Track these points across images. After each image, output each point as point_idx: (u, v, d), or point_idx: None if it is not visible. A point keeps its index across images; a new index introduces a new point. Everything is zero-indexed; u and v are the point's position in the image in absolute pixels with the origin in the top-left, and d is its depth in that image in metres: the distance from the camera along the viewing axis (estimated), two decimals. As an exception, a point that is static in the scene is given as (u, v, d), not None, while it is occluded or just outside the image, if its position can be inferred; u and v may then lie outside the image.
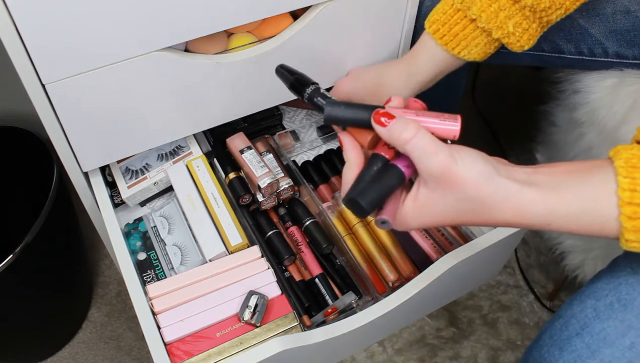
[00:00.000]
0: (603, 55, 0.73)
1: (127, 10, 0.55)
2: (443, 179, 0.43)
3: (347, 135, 0.50)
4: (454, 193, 0.43)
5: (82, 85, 0.59)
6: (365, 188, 0.46)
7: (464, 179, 0.42)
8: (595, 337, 0.46)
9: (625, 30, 0.70)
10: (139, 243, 0.72)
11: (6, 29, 0.51)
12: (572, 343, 0.47)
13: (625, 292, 0.46)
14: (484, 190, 0.43)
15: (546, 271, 1.09)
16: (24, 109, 1.00)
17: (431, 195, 0.44)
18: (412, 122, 0.44)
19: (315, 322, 0.66)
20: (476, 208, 0.44)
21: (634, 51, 0.72)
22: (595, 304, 0.47)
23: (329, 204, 0.78)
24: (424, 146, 0.43)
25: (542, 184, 0.43)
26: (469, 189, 0.43)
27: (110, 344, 1.01)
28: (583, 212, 0.42)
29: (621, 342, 0.44)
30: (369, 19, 0.73)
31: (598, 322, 0.46)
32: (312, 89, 0.54)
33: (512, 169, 0.44)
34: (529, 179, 0.44)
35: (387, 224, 0.46)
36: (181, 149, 0.77)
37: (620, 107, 0.74)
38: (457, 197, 0.43)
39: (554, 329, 0.49)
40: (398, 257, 0.72)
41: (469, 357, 0.99)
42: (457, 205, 0.44)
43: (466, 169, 0.42)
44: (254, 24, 0.69)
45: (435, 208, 0.45)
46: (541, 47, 0.76)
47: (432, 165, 0.43)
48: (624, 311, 0.46)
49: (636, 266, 0.48)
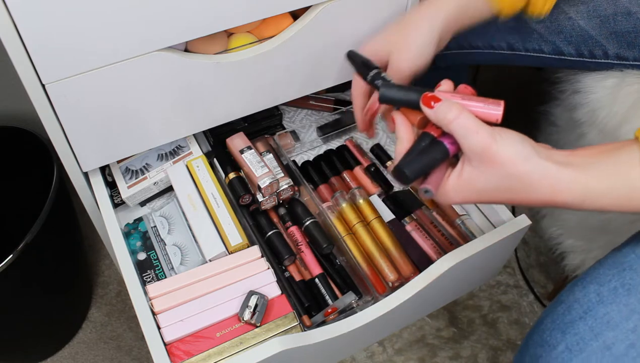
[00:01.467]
0: (603, 57, 0.73)
1: (127, 10, 0.55)
2: (484, 156, 0.46)
3: (400, 114, 0.54)
4: (495, 171, 0.47)
5: (82, 85, 0.59)
6: (411, 160, 0.51)
7: (504, 157, 0.46)
8: (598, 321, 0.46)
9: (626, 32, 0.70)
10: (139, 243, 0.72)
11: (6, 29, 0.51)
12: (575, 326, 0.47)
13: (629, 277, 0.47)
14: (522, 168, 0.46)
15: (546, 271, 1.09)
16: (24, 109, 1.00)
17: (474, 172, 0.48)
18: (456, 105, 0.48)
19: (315, 322, 0.66)
20: (515, 186, 0.47)
21: (634, 53, 0.72)
22: (599, 289, 0.48)
23: (329, 204, 0.78)
24: (466, 125, 0.47)
25: (576, 164, 0.46)
26: (508, 167, 0.46)
27: (110, 344, 1.01)
28: (613, 188, 0.45)
29: (625, 325, 0.45)
30: (368, 19, 0.73)
31: (602, 306, 0.47)
32: (374, 73, 0.62)
33: (551, 152, 0.47)
34: (566, 160, 0.46)
35: (429, 193, 0.50)
36: (181, 149, 0.77)
37: (621, 107, 0.73)
38: (497, 175, 0.47)
39: (556, 314, 0.50)
40: (398, 257, 0.72)
41: (469, 357, 0.98)
42: (497, 182, 0.47)
43: (506, 147, 0.46)
44: (254, 24, 0.69)
45: (476, 185, 0.48)
46: (541, 48, 0.76)
47: (474, 142, 0.46)
48: (628, 295, 0.46)
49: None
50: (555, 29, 0.74)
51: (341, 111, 0.89)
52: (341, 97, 0.93)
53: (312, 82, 0.77)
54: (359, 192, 0.79)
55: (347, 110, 0.89)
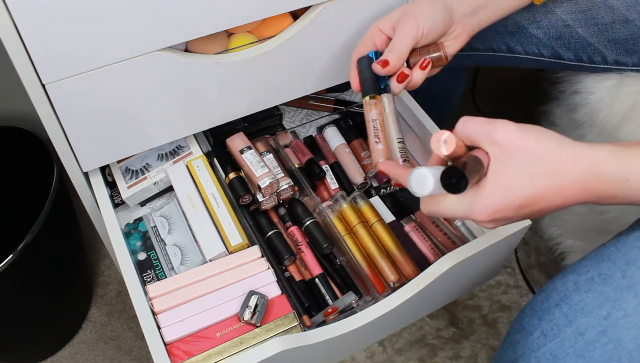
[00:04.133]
0: (602, 62, 0.74)
1: (127, 10, 0.55)
2: (510, 144, 0.45)
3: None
4: (522, 156, 0.45)
5: (82, 85, 0.59)
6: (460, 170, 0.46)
7: (525, 139, 0.45)
8: (573, 307, 0.47)
9: (624, 39, 0.71)
10: (139, 243, 0.72)
11: (6, 29, 0.51)
12: (551, 313, 0.48)
13: (607, 268, 0.48)
14: (548, 145, 0.45)
15: (546, 271, 1.09)
16: (24, 109, 1.00)
17: (503, 166, 0.45)
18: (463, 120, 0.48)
19: (315, 322, 0.66)
20: (548, 168, 0.44)
21: (632, 59, 0.72)
22: (577, 278, 0.49)
23: (329, 204, 0.78)
24: (475, 128, 0.47)
25: (611, 146, 0.44)
26: (533, 146, 0.45)
27: (110, 344, 1.01)
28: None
29: (598, 312, 0.46)
30: (368, 19, 0.73)
31: (577, 294, 0.48)
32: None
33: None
34: (597, 145, 0.45)
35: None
36: (181, 149, 0.77)
37: (620, 107, 0.74)
38: (526, 158, 0.45)
39: (535, 302, 0.51)
40: (399, 257, 0.72)
41: (469, 357, 0.98)
42: (529, 167, 0.45)
43: (524, 130, 0.45)
44: (254, 24, 0.69)
45: (509, 178, 0.45)
46: (541, 52, 0.77)
47: (497, 134, 0.45)
48: (603, 284, 0.47)
49: (620, 245, 0.49)
50: (554, 35, 0.74)
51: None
52: (341, 97, 0.93)
53: (312, 82, 0.77)
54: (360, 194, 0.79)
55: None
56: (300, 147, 0.83)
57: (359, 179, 0.80)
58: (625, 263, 0.47)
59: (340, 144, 0.84)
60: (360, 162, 0.82)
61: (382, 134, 0.62)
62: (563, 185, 0.45)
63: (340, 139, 0.84)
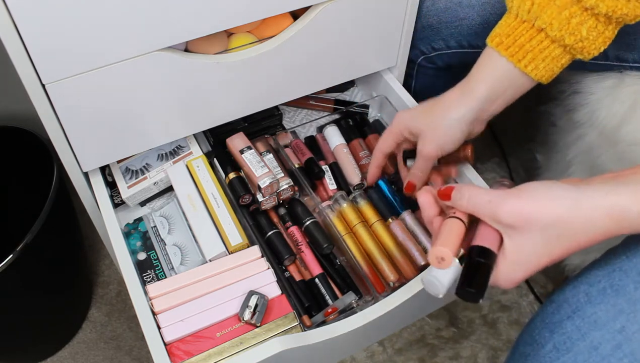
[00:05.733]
0: (603, 58, 0.73)
1: (127, 10, 0.55)
2: (516, 221, 0.45)
3: (424, 194, 0.56)
4: (533, 229, 0.45)
5: (82, 85, 0.59)
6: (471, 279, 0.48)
7: (531, 210, 0.45)
8: (586, 320, 0.46)
9: (625, 34, 0.70)
10: (139, 243, 0.72)
11: (6, 29, 0.51)
12: (563, 326, 0.47)
13: (618, 278, 0.47)
14: (559, 210, 0.44)
15: (546, 271, 1.09)
16: (24, 109, 1.00)
17: (515, 244, 0.46)
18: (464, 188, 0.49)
19: (315, 322, 0.66)
20: (563, 232, 0.45)
21: (633, 55, 0.72)
22: (588, 289, 0.48)
23: (329, 204, 0.78)
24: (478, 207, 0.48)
25: (629, 182, 0.43)
26: (543, 216, 0.44)
27: (110, 344, 1.01)
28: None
29: (612, 325, 0.45)
30: (368, 19, 0.73)
31: (590, 306, 0.47)
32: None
33: (590, 180, 0.45)
34: (614, 181, 0.44)
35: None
36: (181, 149, 0.77)
37: (620, 107, 0.74)
38: (537, 230, 0.45)
39: (545, 313, 0.50)
40: (399, 257, 0.72)
41: (469, 357, 0.99)
42: (543, 238, 0.45)
43: (528, 201, 0.45)
44: (254, 24, 0.69)
45: (525, 255, 0.46)
46: None
47: (500, 215, 0.46)
48: (616, 296, 0.46)
49: (631, 254, 0.48)
50: None
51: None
52: (341, 97, 0.93)
53: (312, 82, 0.77)
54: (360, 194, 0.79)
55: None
56: (300, 147, 0.83)
57: (356, 180, 0.80)
58: (638, 274, 0.46)
59: (339, 144, 0.84)
60: (358, 162, 0.82)
61: (414, 243, 0.73)
62: (584, 242, 0.45)
63: (340, 138, 0.84)
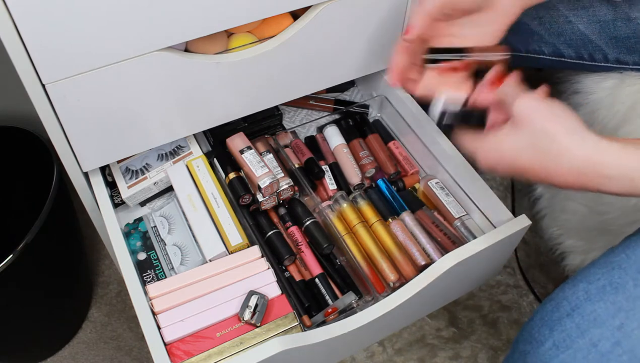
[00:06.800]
0: (603, 60, 0.73)
1: (127, 10, 0.55)
2: (520, 114, 0.49)
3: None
4: (528, 127, 0.48)
5: (82, 85, 0.59)
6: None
7: (536, 115, 0.48)
8: (585, 318, 0.46)
9: (626, 37, 0.70)
10: (139, 243, 0.72)
11: (6, 29, 0.51)
12: (563, 323, 0.47)
13: (618, 276, 0.47)
14: (555, 127, 0.47)
15: (546, 271, 1.09)
16: (24, 109, 1.00)
17: (506, 132, 0.50)
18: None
19: (315, 322, 0.66)
20: (550, 147, 0.47)
21: (634, 57, 0.72)
22: (587, 287, 0.48)
23: (329, 204, 0.78)
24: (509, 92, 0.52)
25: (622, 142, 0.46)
26: (540, 123, 0.47)
27: (110, 344, 1.01)
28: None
29: (611, 322, 0.45)
30: (368, 19, 0.73)
31: (589, 303, 0.47)
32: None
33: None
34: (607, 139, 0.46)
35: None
36: (181, 149, 0.77)
37: (620, 107, 0.74)
38: (530, 132, 0.48)
39: (545, 311, 0.50)
40: (399, 257, 0.72)
41: (469, 357, 0.98)
42: (530, 140, 0.48)
43: (539, 107, 0.48)
44: (254, 24, 0.69)
45: (508, 143, 0.50)
46: (541, 50, 0.77)
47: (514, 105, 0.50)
48: (615, 294, 0.46)
49: (630, 252, 0.48)
50: (555, 31, 0.74)
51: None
52: (341, 97, 0.93)
53: (312, 82, 0.77)
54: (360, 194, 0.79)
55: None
56: (300, 147, 0.83)
57: (356, 180, 0.80)
58: (637, 271, 0.47)
59: (339, 144, 0.84)
60: (358, 162, 0.82)
61: (414, 243, 0.74)
62: (555, 171, 0.47)
63: (340, 138, 0.84)
